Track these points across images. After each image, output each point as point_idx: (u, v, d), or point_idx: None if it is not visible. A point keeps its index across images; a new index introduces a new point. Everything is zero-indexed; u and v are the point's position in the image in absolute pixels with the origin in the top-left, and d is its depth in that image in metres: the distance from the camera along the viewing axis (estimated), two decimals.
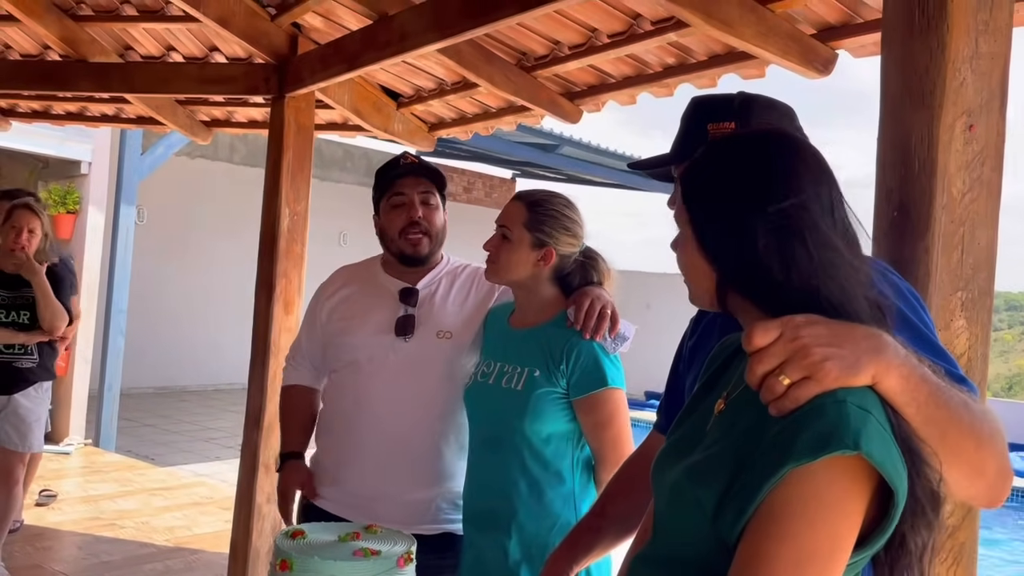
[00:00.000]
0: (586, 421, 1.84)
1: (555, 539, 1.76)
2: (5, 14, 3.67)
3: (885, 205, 1.36)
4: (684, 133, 1.40)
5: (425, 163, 2.22)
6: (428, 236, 2.16)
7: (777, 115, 1.35)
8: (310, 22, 3.41)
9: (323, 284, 2.34)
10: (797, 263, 0.94)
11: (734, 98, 1.37)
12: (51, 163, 7.09)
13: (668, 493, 1.04)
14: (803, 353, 0.87)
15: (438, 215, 2.19)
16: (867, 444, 0.83)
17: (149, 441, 7.85)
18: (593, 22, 2.76)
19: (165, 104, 4.25)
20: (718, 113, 1.35)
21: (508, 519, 1.83)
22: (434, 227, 2.17)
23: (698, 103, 1.42)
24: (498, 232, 1.93)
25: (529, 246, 1.89)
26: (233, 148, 11.45)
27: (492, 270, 1.94)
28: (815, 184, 0.98)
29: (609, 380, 1.83)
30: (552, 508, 1.83)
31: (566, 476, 1.84)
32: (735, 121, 1.32)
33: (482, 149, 10.33)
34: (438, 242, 2.19)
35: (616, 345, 1.87)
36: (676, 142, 1.41)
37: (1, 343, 3.73)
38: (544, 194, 1.95)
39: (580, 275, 1.95)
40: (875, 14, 2.28)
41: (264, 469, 3.40)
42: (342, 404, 2.18)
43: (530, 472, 1.83)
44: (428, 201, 2.17)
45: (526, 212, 1.90)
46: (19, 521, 4.54)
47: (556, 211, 1.91)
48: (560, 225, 1.91)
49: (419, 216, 2.14)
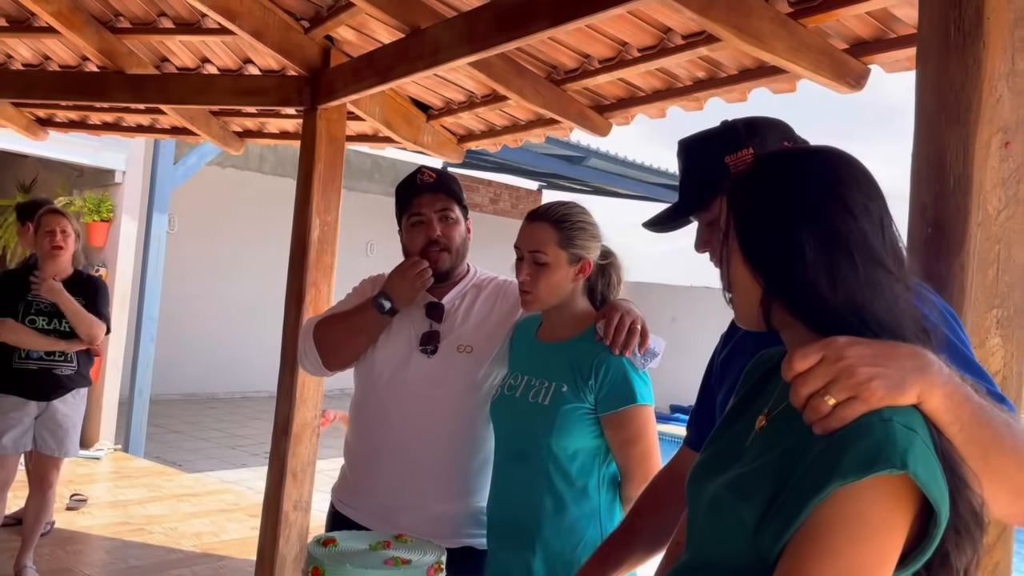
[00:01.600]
0: (614, 437, 1.83)
1: (580, 556, 1.76)
2: (46, 26, 3.75)
3: (919, 221, 1.35)
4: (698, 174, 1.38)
5: (442, 178, 2.20)
6: (448, 252, 2.17)
7: (782, 131, 1.35)
8: (343, 35, 3.46)
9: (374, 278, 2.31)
10: (844, 279, 0.94)
11: (735, 125, 1.36)
12: (86, 172, 7.22)
13: (706, 506, 1.04)
14: (848, 373, 0.87)
15: (457, 229, 2.19)
16: (913, 463, 0.83)
17: (177, 447, 7.93)
18: (624, 36, 2.78)
19: (199, 115, 4.31)
20: (729, 144, 1.33)
21: (532, 535, 1.82)
22: (453, 243, 2.17)
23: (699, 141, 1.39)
24: (528, 259, 1.89)
25: (567, 264, 1.88)
26: (263, 158, 11.58)
27: (532, 300, 1.90)
28: (865, 200, 0.98)
29: (638, 397, 1.82)
30: (577, 525, 1.81)
31: (592, 493, 1.83)
32: (751, 145, 1.31)
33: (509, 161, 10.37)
34: (459, 256, 2.20)
35: (646, 361, 1.85)
36: (689, 188, 1.39)
37: (42, 350, 3.80)
38: (563, 208, 1.92)
39: (602, 278, 1.95)
40: (908, 29, 2.27)
41: (291, 477, 3.42)
42: (366, 416, 2.20)
43: (555, 488, 1.82)
44: (447, 217, 2.17)
45: (554, 231, 1.87)
46: (51, 523, 4.61)
47: (582, 222, 1.91)
48: (589, 235, 1.91)
49: (437, 235, 2.15)
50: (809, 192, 0.99)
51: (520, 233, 1.93)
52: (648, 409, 1.84)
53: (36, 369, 3.79)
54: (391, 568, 1.31)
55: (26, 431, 3.78)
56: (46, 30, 3.81)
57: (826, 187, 0.99)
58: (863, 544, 0.84)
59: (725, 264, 1.06)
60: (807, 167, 1.02)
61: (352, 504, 2.18)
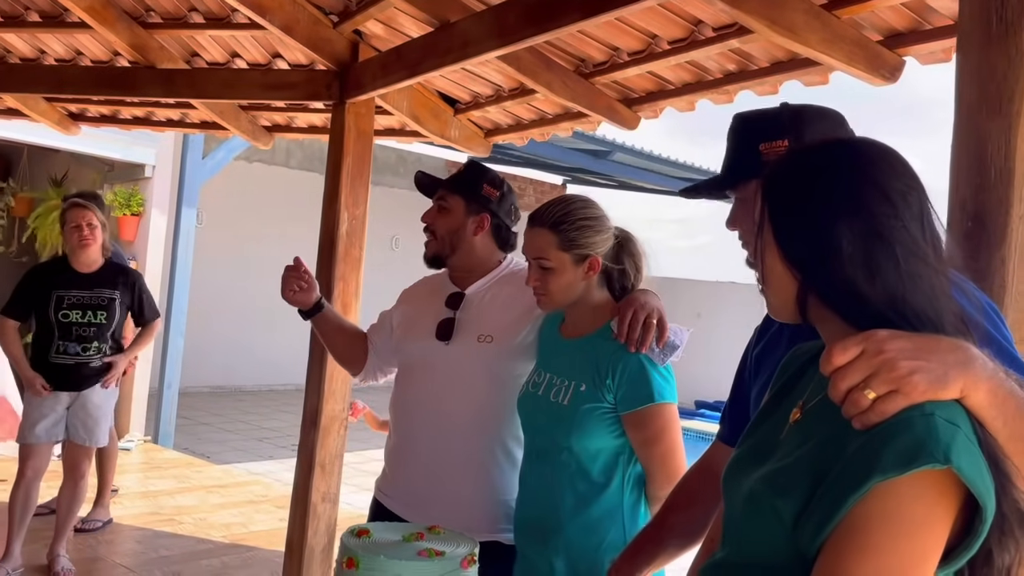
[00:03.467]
0: (635, 437, 1.79)
1: (603, 556, 1.75)
2: (78, 21, 3.79)
3: (959, 215, 1.33)
4: (734, 154, 1.38)
5: (458, 172, 2.28)
6: (434, 238, 2.22)
7: (830, 124, 1.32)
8: (371, 29, 3.46)
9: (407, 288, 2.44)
10: (883, 273, 0.93)
11: (782, 112, 1.34)
12: (117, 166, 7.29)
13: (743, 501, 1.02)
14: (889, 367, 0.85)
15: (447, 218, 2.20)
16: (957, 458, 0.82)
17: (205, 439, 8.01)
18: (654, 28, 2.76)
19: (228, 109, 4.34)
20: (769, 131, 1.32)
21: (555, 533, 1.81)
22: (439, 229, 2.20)
23: (745, 120, 1.39)
24: (534, 265, 1.86)
25: (572, 265, 1.84)
26: (290, 153, 11.65)
27: (546, 302, 1.90)
28: (904, 190, 0.96)
29: (657, 395, 1.77)
30: (600, 525, 1.79)
31: (614, 492, 1.80)
32: (788, 137, 1.30)
33: (534, 155, 10.34)
34: (447, 244, 2.20)
35: (665, 356, 1.79)
36: (726, 165, 1.39)
37: (79, 346, 3.84)
38: (560, 208, 1.86)
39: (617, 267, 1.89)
40: (945, 20, 2.23)
41: (320, 469, 3.44)
42: (398, 405, 2.25)
43: (577, 487, 1.80)
44: (440, 206, 2.22)
45: (553, 235, 1.83)
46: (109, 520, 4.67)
47: (582, 220, 1.84)
48: (592, 231, 1.85)
49: (426, 219, 2.23)
50: (845, 183, 0.97)
51: (524, 238, 1.90)
52: (669, 407, 1.79)
53: (72, 364, 3.85)
54: (425, 560, 1.32)
55: (58, 421, 3.84)
56: (78, 25, 3.85)
57: (863, 178, 0.97)
58: (904, 541, 0.83)
59: (759, 258, 1.05)
60: (843, 158, 1.01)
61: (388, 493, 2.22)
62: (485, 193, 2.20)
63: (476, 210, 2.20)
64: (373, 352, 2.40)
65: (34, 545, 3.93)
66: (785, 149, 1.30)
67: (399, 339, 2.29)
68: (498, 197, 2.22)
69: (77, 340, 3.85)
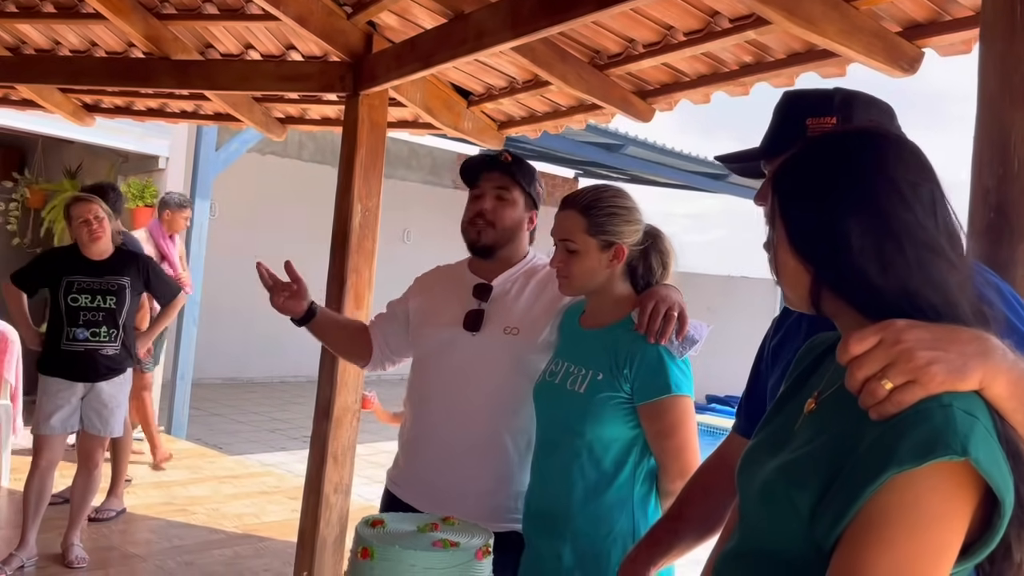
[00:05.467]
0: (649, 428, 1.79)
1: (610, 547, 1.75)
2: (93, 12, 3.80)
3: (982, 206, 1.32)
4: (778, 127, 1.37)
5: (515, 162, 2.22)
6: (492, 227, 2.18)
7: (878, 112, 1.32)
8: (385, 20, 3.46)
9: (426, 273, 2.42)
10: (895, 264, 0.92)
11: (833, 94, 1.34)
12: (131, 158, 7.33)
13: (758, 493, 1.02)
14: (907, 357, 0.84)
15: (510, 210, 2.19)
16: (975, 450, 0.81)
17: (218, 430, 8.04)
18: (669, 19, 2.74)
19: (242, 101, 4.35)
20: (818, 108, 1.31)
21: (564, 523, 1.81)
22: (501, 221, 2.18)
23: (795, 96, 1.39)
24: (560, 247, 1.87)
25: (598, 250, 1.85)
26: (302, 145, 11.66)
27: (567, 284, 1.91)
28: (915, 183, 0.95)
29: (674, 386, 1.77)
30: (608, 515, 1.79)
31: (624, 483, 1.80)
32: (837, 116, 1.29)
33: (546, 148, 10.32)
34: (505, 236, 2.19)
35: (684, 349, 1.79)
36: (768, 136, 1.38)
37: (88, 331, 3.86)
38: (592, 194, 1.88)
39: (643, 262, 1.91)
40: (965, 11, 2.21)
41: (332, 460, 3.45)
42: (415, 394, 2.25)
43: (588, 477, 1.80)
44: (502, 196, 2.18)
45: (582, 218, 1.85)
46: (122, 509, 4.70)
47: (612, 207, 1.86)
48: (621, 220, 1.86)
49: (485, 209, 2.18)
50: (854, 175, 0.96)
51: (554, 221, 1.91)
52: (685, 400, 1.79)
53: (83, 351, 3.86)
54: (439, 550, 1.31)
55: (73, 411, 3.85)
56: (93, 16, 3.86)
57: (873, 170, 0.96)
58: (921, 533, 0.82)
59: (772, 250, 1.04)
60: (851, 149, 0.99)
61: (401, 484, 2.21)
62: (537, 191, 2.25)
63: (530, 206, 2.24)
64: (381, 342, 2.40)
65: (48, 534, 3.96)
66: (832, 127, 1.29)
67: (418, 326, 2.28)
68: (542, 195, 2.28)
69: (85, 325, 3.86)
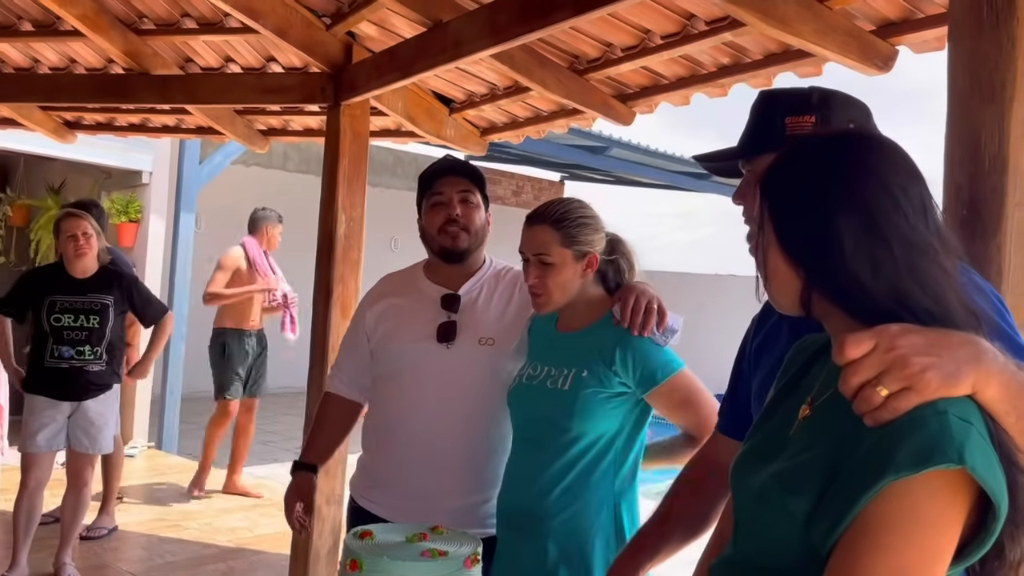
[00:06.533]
0: (666, 407, 1.85)
1: (594, 540, 1.79)
2: (71, 29, 3.79)
3: (954, 203, 1.34)
4: (756, 126, 1.37)
5: (464, 163, 2.23)
6: (467, 232, 2.16)
7: (855, 111, 1.32)
8: (364, 31, 3.47)
9: (367, 293, 2.35)
10: (887, 267, 0.92)
11: (811, 92, 1.34)
12: (114, 173, 7.29)
13: (754, 499, 1.02)
14: (901, 363, 0.84)
15: (477, 214, 2.18)
16: (971, 457, 0.81)
17: None
18: (646, 23, 2.76)
19: (224, 114, 4.35)
20: (796, 107, 1.32)
21: (547, 519, 1.82)
22: (473, 224, 2.17)
23: (772, 96, 1.39)
24: (534, 261, 1.90)
25: (573, 261, 1.88)
26: (287, 156, 11.64)
27: (544, 302, 1.91)
28: (905, 185, 0.95)
29: (675, 363, 1.83)
30: (590, 509, 1.81)
31: (607, 479, 1.83)
32: (815, 115, 1.30)
33: (531, 152, 10.34)
34: (477, 240, 2.18)
35: (666, 339, 1.86)
36: (746, 135, 1.38)
37: (73, 349, 3.85)
38: (560, 207, 1.92)
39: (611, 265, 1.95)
40: (937, 9, 2.23)
41: (324, 472, 3.43)
42: (387, 411, 2.19)
43: (570, 473, 1.82)
44: (467, 200, 2.17)
45: (555, 231, 1.88)
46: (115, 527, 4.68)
47: (582, 217, 1.90)
48: (591, 229, 1.90)
49: (457, 214, 2.15)
50: (845, 179, 0.96)
51: (522, 237, 1.93)
52: (685, 371, 1.85)
53: (67, 368, 3.84)
54: (428, 560, 1.32)
55: (60, 430, 3.83)
56: (72, 33, 3.85)
57: (863, 172, 0.96)
58: (918, 540, 0.82)
59: (762, 253, 1.03)
60: (841, 152, 0.99)
61: (375, 499, 2.16)
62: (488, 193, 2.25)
63: (487, 207, 2.23)
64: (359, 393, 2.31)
65: (40, 554, 3.93)
66: (811, 126, 1.29)
67: (383, 342, 2.21)
68: None
69: (70, 343, 3.84)
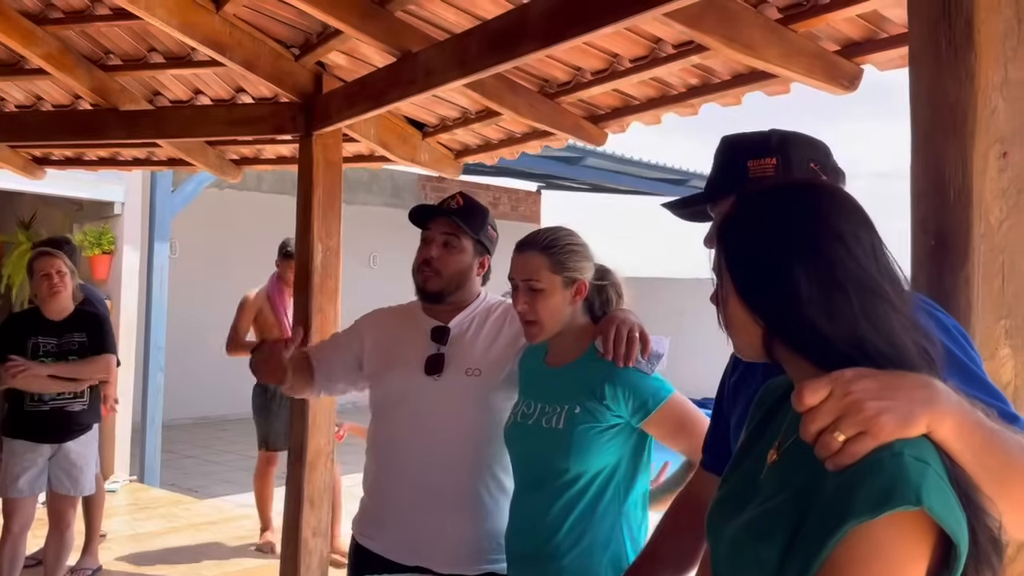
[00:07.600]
0: (660, 433, 1.86)
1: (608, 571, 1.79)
2: (37, 68, 3.76)
3: (921, 235, 1.35)
4: (720, 171, 1.40)
5: (465, 208, 2.20)
6: (439, 275, 2.17)
7: (813, 151, 1.35)
8: (334, 60, 3.46)
9: (371, 313, 2.38)
10: (843, 312, 0.94)
11: (770, 135, 1.37)
12: (85, 206, 7.22)
13: (727, 550, 1.03)
14: (856, 408, 0.87)
15: (456, 258, 2.18)
16: (928, 498, 0.83)
17: (192, 472, 7.92)
18: (615, 48, 2.78)
19: (195, 146, 4.32)
20: (756, 150, 1.35)
21: (557, 559, 1.82)
22: (446, 268, 2.17)
23: (733, 140, 1.42)
24: (523, 287, 1.90)
25: (562, 288, 1.89)
26: (260, 178, 11.56)
27: (537, 331, 1.92)
28: (854, 230, 0.98)
29: (664, 391, 1.83)
30: (599, 545, 1.81)
31: (612, 511, 1.83)
32: (776, 157, 1.32)
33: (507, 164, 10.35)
34: (452, 283, 2.19)
35: (652, 365, 1.86)
36: (711, 180, 1.41)
37: (54, 391, 3.80)
38: (549, 234, 1.94)
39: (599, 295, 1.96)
40: (900, 28, 2.27)
41: (309, 504, 3.43)
42: (380, 443, 2.22)
43: (574, 511, 1.82)
44: (449, 243, 2.18)
45: (545, 257, 1.89)
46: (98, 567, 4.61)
47: (571, 244, 1.92)
48: (580, 256, 1.92)
49: (432, 256, 2.17)
50: (799, 227, 0.99)
51: (512, 264, 1.94)
52: (676, 395, 1.86)
53: (48, 411, 3.80)
54: None
55: (41, 472, 3.79)
56: (37, 72, 3.82)
57: (815, 220, 0.99)
58: None
59: (722, 304, 1.06)
60: (791, 203, 1.03)
61: (371, 535, 2.18)
62: (489, 236, 2.23)
63: (481, 252, 2.23)
64: (324, 372, 2.35)
65: None
66: (772, 167, 1.33)
67: (377, 372, 2.25)
68: (495, 239, 2.26)
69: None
